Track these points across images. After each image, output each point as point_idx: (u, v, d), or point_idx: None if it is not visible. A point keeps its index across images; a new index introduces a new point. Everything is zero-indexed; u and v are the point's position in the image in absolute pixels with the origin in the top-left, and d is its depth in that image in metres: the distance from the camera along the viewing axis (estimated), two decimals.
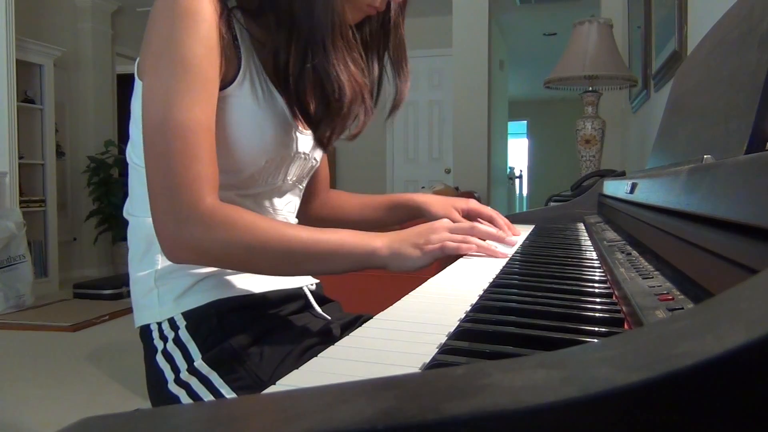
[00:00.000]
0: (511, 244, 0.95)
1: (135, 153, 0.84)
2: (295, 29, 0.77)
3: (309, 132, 0.87)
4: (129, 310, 0.85)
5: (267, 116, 0.81)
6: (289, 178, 0.90)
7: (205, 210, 0.71)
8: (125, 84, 5.98)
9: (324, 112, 0.80)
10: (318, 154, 0.94)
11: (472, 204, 1.07)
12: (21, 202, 4.30)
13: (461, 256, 0.82)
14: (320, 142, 0.85)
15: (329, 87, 0.77)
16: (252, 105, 0.80)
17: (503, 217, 1.09)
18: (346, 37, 0.78)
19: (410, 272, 0.77)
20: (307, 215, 1.07)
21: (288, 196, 0.93)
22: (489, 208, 1.07)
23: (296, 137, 0.87)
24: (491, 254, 0.84)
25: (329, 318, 0.91)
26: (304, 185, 0.97)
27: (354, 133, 0.90)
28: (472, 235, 0.83)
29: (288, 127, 0.85)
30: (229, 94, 0.78)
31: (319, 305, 0.93)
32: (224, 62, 0.76)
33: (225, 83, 0.78)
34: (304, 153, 0.90)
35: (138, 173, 0.83)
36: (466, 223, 0.86)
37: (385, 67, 0.91)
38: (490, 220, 1.04)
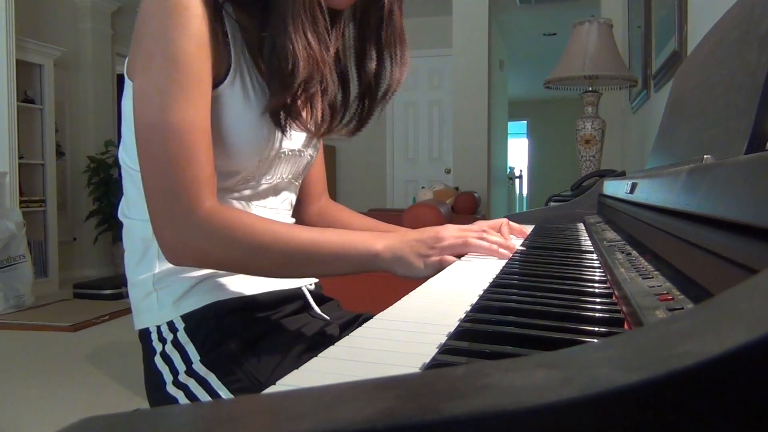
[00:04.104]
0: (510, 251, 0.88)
1: (128, 155, 0.82)
2: (271, 9, 0.75)
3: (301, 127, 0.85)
4: (129, 310, 0.85)
5: (259, 114, 0.79)
6: (284, 176, 0.88)
7: (204, 214, 0.71)
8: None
9: (277, 85, 0.76)
10: (311, 150, 0.93)
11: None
12: (21, 202, 4.30)
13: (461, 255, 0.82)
14: (273, 115, 0.79)
15: (284, 61, 0.74)
16: (244, 103, 0.78)
17: (499, 220, 1.09)
18: (311, 13, 0.75)
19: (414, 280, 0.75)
20: (303, 220, 1.05)
21: (284, 194, 0.92)
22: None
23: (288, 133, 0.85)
24: (495, 255, 0.84)
25: (328, 318, 0.91)
26: (300, 182, 0.96)
27: (352, 128, 0.89)
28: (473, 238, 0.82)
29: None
30: (221, 93, 0.77)
31: (318, 305, 0.93)
32: (216, 59, 0.75)
33: (216, 81, 0.76)
34: (298, 149, 0.88)
35: (131, 176, 0.82)
36: (473, 226, 0.85)
37: (385, 59, 0.87)
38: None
